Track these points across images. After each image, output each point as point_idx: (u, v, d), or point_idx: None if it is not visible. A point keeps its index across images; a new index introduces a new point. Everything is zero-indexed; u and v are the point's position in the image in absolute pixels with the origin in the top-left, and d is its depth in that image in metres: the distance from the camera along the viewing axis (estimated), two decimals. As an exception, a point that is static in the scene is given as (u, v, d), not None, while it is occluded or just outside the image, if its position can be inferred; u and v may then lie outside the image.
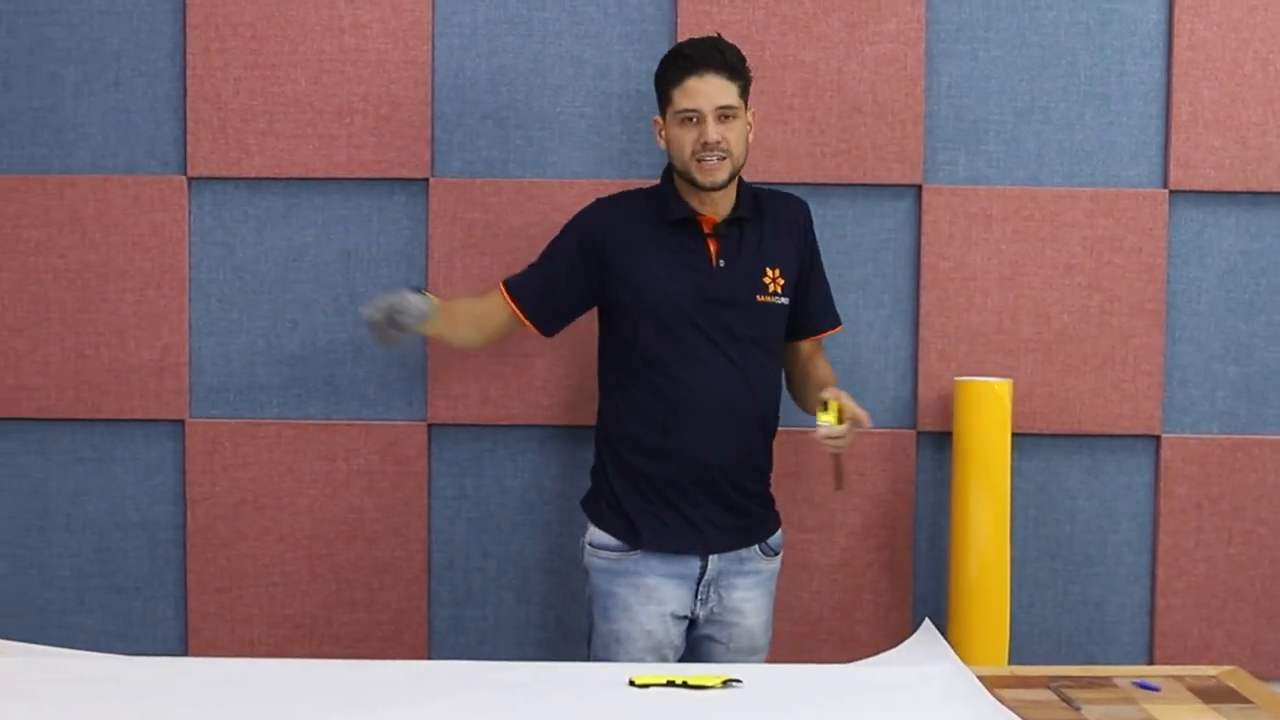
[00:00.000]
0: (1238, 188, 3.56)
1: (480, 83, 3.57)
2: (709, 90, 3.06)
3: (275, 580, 3.61)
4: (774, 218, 3.24)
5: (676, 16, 3.53)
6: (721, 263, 3.15)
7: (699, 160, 3.08)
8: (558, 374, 3.57)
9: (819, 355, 3.35)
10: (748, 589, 3.20)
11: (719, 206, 3.16)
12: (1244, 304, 3.60)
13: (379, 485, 3.60)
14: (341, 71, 3.56)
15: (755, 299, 3.18)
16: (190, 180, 3.59)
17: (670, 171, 3.21)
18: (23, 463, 3.63)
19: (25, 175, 3.58)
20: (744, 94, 3.11)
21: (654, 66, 3.30)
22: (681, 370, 3.13)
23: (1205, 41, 3.54)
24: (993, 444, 3.40)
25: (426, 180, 3.57)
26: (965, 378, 3.48)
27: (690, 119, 3.07)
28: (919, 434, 3.60)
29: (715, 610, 3.18)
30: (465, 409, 3.58)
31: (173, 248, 3.59)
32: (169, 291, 3.59)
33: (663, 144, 3.17)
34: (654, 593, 3.14)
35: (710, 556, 3.16)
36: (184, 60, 3.56)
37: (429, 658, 3.59)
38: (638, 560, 3.15)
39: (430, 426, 3.61)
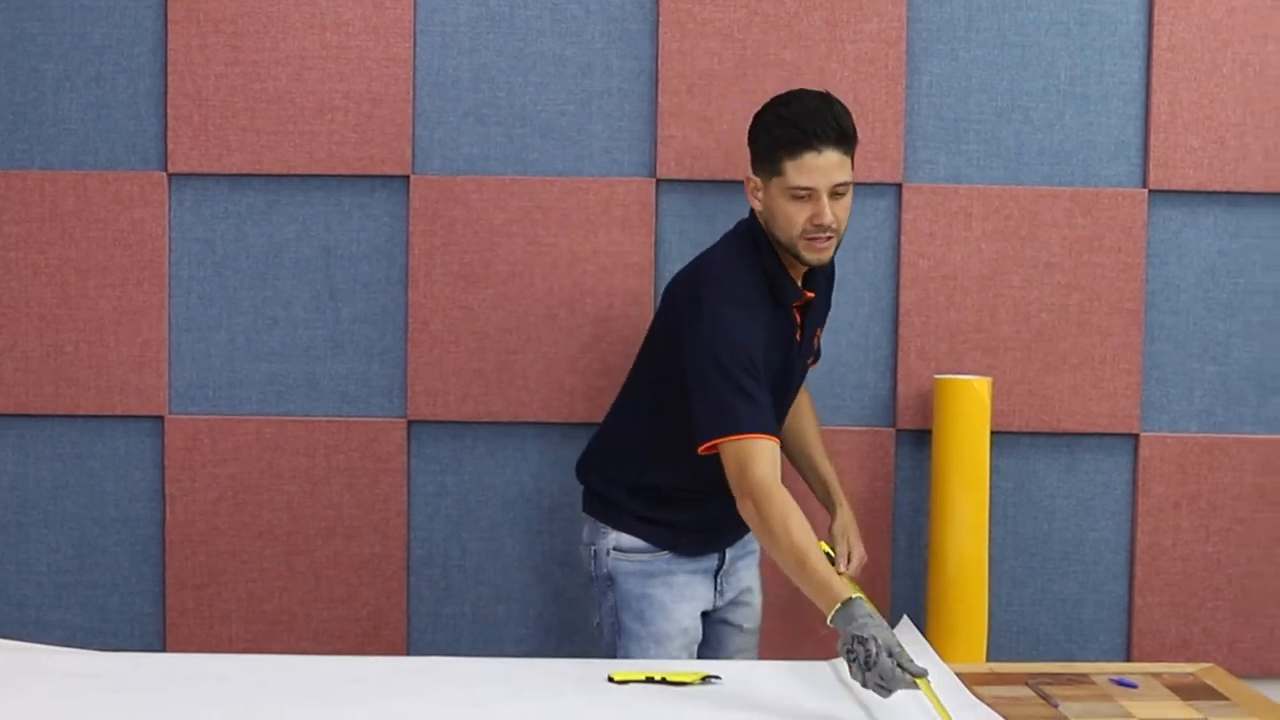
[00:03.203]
0: (1216, 188, 3.57)
1: (462, 80, 3.57)
2: (826, 167, 2.85)
3: (254, 577, 3.61)
4: (825, 274, 3.15)
5: (658, 15, 3.53)
6: (799, 335, 3.06)
7: (809, 239, 2.90)
8: (538, 371, 3.57)
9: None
10: (750, 568, 3.24)
11: (808, 280, 3.05)
12: (1222, 304, 3.61)
13: (359, 482, 3.59)
14: (323, 68, 3.56)
15: (809, 362, 3.20)
16: (171, 176, 3.58)
17: (761, 232, 2.98)
18: (1, 458, 3.62)
19: (5, 171, 3.57)
20: (853, 160, 2.92)
21: (635, 65, 3.32)
22: None
23: (1185, 42, 3.55)
24: (972, 442, 3.41)
25: (407, 177, 3.57)
26: (945, 376, 3.49)
27: (803, 196, 2.87)
28: (898, 432, 3.60)
29: (731, 596, 3.19)
30: (445, 406, 3.58)
31: (153, 244, 3.58)
32: (149, 288, 3.58)
33: (758, 205, 2.96)
34: (685, 589, 3.11)
35: (726, 549, 3.17)
36: (165, 56, 3.55)
37: (408, 654, 3.59)
38: (668, 560, 3.11)
39: (410, 423, 3.60)
